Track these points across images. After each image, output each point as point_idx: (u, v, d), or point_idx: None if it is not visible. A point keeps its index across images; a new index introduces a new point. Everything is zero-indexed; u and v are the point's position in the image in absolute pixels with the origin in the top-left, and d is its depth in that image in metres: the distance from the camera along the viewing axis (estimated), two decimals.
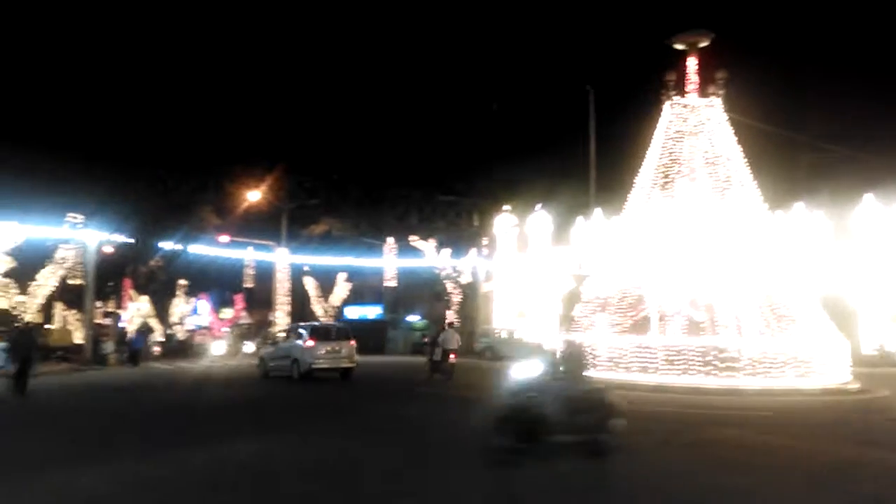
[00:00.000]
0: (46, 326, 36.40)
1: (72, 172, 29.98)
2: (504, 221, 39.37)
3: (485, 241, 41.20)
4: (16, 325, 25.12)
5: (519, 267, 38.52)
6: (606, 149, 27.85)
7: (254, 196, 40.73)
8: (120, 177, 32.61)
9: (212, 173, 36.85)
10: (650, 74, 23.77)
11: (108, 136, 32.55)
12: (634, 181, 22.38)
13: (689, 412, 14.00)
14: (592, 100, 27.02)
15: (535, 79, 48.84)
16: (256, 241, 45.00)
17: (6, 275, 31.09)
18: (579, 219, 34.27)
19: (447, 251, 43.11)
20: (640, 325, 20.95)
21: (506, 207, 39.27)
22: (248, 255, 45.39)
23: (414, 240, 42.88)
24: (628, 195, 22.52)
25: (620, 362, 19.81)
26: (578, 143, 28.26)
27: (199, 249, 45.21)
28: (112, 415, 14.18)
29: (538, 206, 37.82)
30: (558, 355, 9.38)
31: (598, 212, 30.04)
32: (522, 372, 8.54)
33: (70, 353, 32.75)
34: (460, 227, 42.63)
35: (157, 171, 34.59)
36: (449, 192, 40.90)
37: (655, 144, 22.26)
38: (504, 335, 35.63)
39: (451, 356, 21.97)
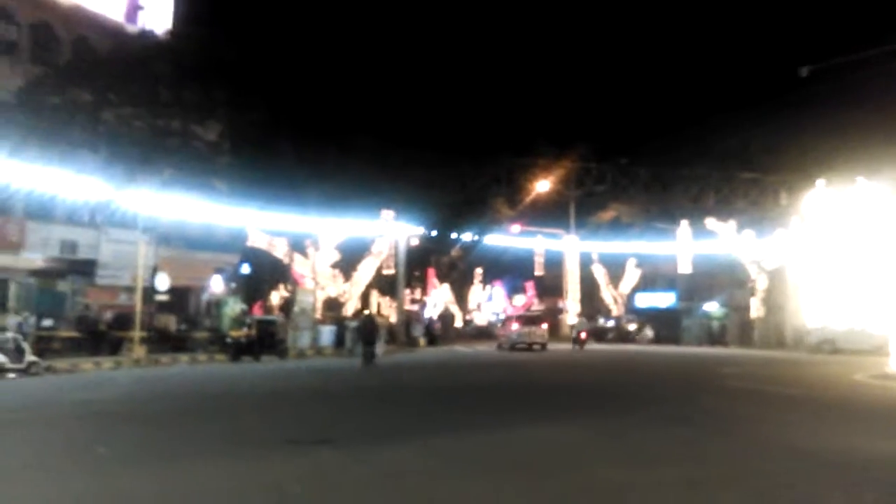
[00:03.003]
0: (365, 312, 40.93)
1: (383, 172, 32.93)
2: (818, 198, 35.18)
3: (794, 220, 37.21)
4: (365, 313, 29.49)
5: (837, 249, 34.16)
6: None
7: (542, 186, 41.50)
8: (423, 174, 35.15)
9: (503, 165, 38.20)
10: None
11: (410, 137, 35.20)
12: None
13: None
14: None
15: (856, 30, 42.65)
16: (545, 230, 45.91)
17: (334, 266, 35.38)
18: None
19: (749, 233, 39.80)
20: None
21: (819, 182, 35.05)
22: (538, 244, 46.48)
23: (710, 222, 40.30)
24: None
25: None
26: None
27: (493, 240, 47.48)
28: (432, 391, 15.42)
29: (860, 178, 33.12)
30: None
31: None
32: None
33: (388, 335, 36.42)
34: (764, 207, 38.81)
35: (455, 167, 36.72)
36: (750, 168, 37.45)
37: None
38: (843, 328, 31.54)
39: (583, 335, 35.20)
